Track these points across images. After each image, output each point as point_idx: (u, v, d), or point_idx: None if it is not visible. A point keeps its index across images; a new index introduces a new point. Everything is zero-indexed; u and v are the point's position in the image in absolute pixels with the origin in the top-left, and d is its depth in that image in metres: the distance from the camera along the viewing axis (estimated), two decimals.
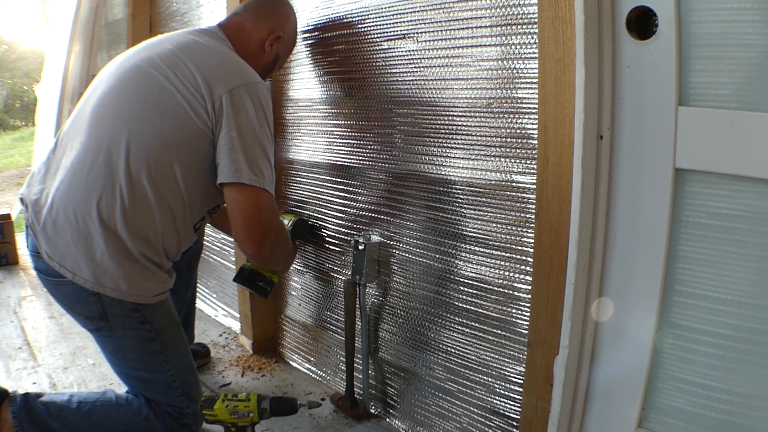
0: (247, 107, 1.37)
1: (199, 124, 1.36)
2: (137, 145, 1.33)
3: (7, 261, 3.27)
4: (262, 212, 1.38)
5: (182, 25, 2.64)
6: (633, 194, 1.08)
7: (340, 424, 1.71)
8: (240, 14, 1.58)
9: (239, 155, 1.35)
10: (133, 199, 1.33)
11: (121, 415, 1.44)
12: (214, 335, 2.34)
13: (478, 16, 1.29)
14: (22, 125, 13.26)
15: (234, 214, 1.38)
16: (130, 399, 1.46)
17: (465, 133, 1.36)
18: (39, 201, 1.37)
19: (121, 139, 1.34)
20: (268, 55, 1.58)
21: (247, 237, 1.39)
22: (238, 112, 1.36)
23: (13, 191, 7.15)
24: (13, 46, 15.82)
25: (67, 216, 1.32)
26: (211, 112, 1.35)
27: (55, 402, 1.41)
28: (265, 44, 1.56)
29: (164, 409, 1.47)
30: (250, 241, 1.39)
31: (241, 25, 1.55)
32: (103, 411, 1.43)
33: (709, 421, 1.02)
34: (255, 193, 1.37)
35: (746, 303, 0.96)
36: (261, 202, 1.38)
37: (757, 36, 0.91)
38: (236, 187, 1.36)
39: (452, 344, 1.48)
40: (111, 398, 1.45)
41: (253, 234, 1.39)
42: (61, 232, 1.33)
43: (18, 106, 14.68)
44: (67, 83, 3.55)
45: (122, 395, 1.48)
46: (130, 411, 1.44)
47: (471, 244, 1.39)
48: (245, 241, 1.40)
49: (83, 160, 1.34)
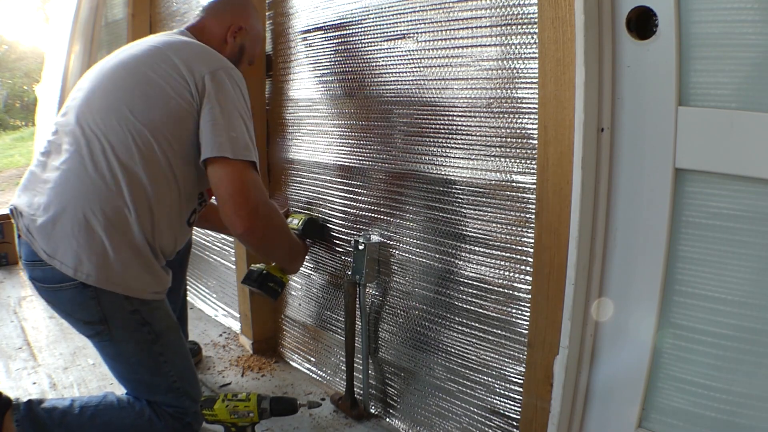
0: (228, 86, 1.39)
1: (186, 107, 1.37)
2: (129, 137, 1.34)
3: (7, 261, 3.27)
4: (247, 187, 1.35)
5: (182, 25, 2.64)
6: (633, 194, 1.08)
7: (340, 424, 1.71)
8: (201, 15, 1.64)
9: (221, 131, 1.35)
10: (129, 190, 1.33)
11: (124, 419, 1.43)
12: (214, 335, 2.34)
13: (478, 16, 1.29)
14: (22, 125, 13.26)
15: (220, 191, 1.35)
16: (131, 401, 1.45)
17: (465, 133, 1.37)
18: (33, 204, 1.36)
19: (112, 133, 1.35)
20: (232, 47, 1.61)
21: (235, 213, 1.34)
22: (219, 91, 1.38)
23: (13, 191, 7.14)
24: (13, 46, 15.82)
25: (66, 212, 1.32)
26: (195, 93, 1.37)
27: (57, 408, 1.40)
28: (227, 36, 1.60)
29: (166, 410, 1.46)
30: (239, 217, 1.35)
31: (203, 25, 1.61)
32: (105, 415, 1.42)
33: (709, 421, 1.02)
34: (240, 167, 1.35)
35: (746, 303, 0.96)
36: (246, 177, 1.35)
37: (757, 36, 0.91)
38: (220, 163, 1.34)
39: (452, 344, 1.48)
40: (113, 401, 1.45)
41: (240, 210, 1.34)
42: (60, 228, 1.32)
43: (18, 106, 14.67)
44: (67, 83, 3.55)
45: (123, 398, 1.47)
46: (132, 413, 1.44)
47: (471, 244, 1.39)
48: (233, 217, 1.35)
49: (77, 159, 1.35)
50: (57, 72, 3.68)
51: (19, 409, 1.37)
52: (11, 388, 1.91)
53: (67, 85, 3.53)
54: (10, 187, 7.49)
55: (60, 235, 1.32)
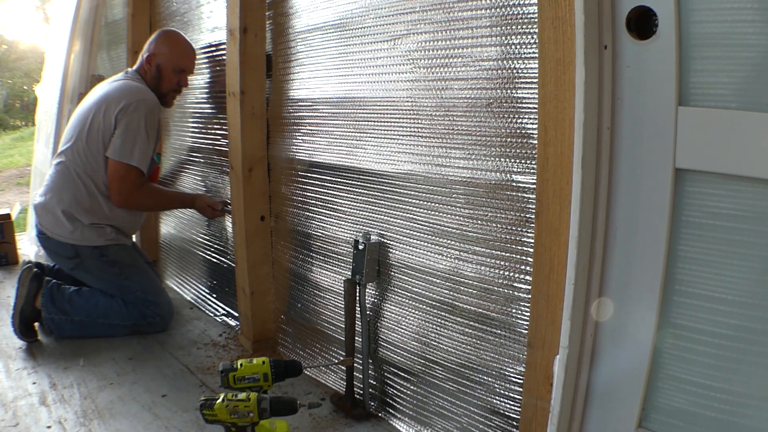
0: (130, 115, 2.24)
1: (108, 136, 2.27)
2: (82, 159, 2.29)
3: (7, 261, 3.27)
4: (122, 180, 2.25)
5: (182, 25, 2.64)
6: (633, 194, 1.08)
7: (340, 424, 1.71)
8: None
9: (117, 140, 2.24)
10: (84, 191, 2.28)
11: (106, 301, 2.29)
12: (214, 335, 2.35)
13: (478, 16, 1.29)
14: (22, 125, 13.26)
15: (109, 179, 2.28)
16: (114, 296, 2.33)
17: (465, 133, 1.37)
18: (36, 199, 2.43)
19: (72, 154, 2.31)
20: (150, 71, 2.39)
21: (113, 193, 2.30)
22: (123, 118, 2.24)
23: (13, 191, 7.15)
24: (13, 46, 15.83)
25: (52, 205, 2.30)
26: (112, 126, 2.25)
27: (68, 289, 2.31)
28: (146, 66, 2.40)
29: (135, 307, 2.31)
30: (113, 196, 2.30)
31: (141, 65, 2.43)
32: (95, 297, 2.29)
33: (709, 421, 1.02)
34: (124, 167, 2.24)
35: (746, 303, 0.96)
36: (121, 172, 2.24)
37: (757, 36, 0.91)
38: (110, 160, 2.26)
39: (452, 344, 1.48)
40: (100, 294, 2.31)
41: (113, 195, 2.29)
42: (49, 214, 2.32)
43: (18, 106, 14.68)
44: (67, 83, 3.55)
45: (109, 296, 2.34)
46: (111, 299, 2.30)
47: (471, 244, 1.39)
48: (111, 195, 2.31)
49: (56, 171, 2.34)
50: (57, 72, 3.68)
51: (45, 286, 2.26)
52: (11, 387, 1.91)
53: (67, 85, 3.53)
54: (10, 187, 7.49)
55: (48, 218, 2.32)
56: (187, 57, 2.41)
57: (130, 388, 1.91)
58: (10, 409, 1.79)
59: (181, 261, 2.86)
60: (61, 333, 2.27)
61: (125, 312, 2.29)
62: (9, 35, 16.90)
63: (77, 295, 2.28)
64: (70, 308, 2.24)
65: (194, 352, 2.20)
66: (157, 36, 2.42)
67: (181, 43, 2.42)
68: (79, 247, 2.28)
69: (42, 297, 2.23)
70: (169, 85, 2.39)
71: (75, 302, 2.25)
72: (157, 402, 1.83)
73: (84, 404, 1.81)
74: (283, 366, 1.58)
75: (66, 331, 2.26)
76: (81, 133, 2.28)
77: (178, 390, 1.91)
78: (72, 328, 2.26)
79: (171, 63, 2.37)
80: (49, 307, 2.23)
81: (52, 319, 2.24)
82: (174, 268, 2.94)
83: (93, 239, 2.29)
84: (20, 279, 2.27)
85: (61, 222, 2.27)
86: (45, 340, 2.28)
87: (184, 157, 2.74)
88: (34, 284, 2.25)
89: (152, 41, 2.41)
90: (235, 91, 2.03)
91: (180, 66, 2.38)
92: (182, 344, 2.26)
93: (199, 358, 2.14)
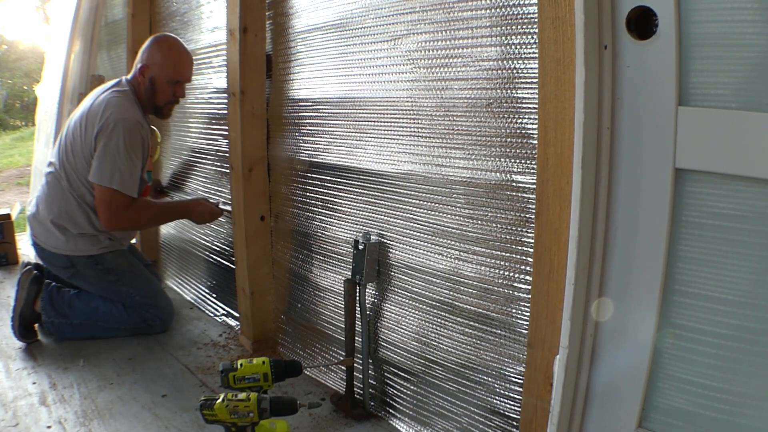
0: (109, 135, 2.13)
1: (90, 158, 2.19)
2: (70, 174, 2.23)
3: (7, 261, 3.27)
4: (107, 205, 2.16)
5: (182, 24, 2.64)
6: (633, 194, 1.08)
7: (340, 424, 1.71)
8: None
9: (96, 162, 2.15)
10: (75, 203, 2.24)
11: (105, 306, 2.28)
12: (214, 335, 2.35)
13: (478, 16, 1.29)
14: (22, 125, 13.26)
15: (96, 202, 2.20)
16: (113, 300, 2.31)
17: (465, 133, 1.37)
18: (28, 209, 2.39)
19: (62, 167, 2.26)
20: (144, 83, 2.28)
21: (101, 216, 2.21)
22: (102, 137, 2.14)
23: (13, 191, 7.15)
24: (13, 46, 15.83)
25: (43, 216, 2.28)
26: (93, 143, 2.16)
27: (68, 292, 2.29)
28: (139, 77, 2.28)
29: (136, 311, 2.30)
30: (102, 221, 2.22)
31: (134, 76, 2.32)
32: (94, 301, 2.28)
33: (709, 421, 1.02)
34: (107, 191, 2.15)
35: (746, 303, 0.96)
36: (105, 197, 2.15)
37: (757, 36, 0.91)
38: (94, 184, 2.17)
39: (452, 344, 1.48)
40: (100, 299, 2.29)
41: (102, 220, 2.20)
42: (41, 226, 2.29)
43: (18, 106, 14.68)
44: (67, 83, 3.55)
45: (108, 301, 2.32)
46: (111, 304, 2.29)
47: (471, 244, 1.39)
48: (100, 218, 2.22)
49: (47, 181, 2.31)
50: (57, 72, 3.68)
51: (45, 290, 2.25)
52: (11, 387, 1.91)
53: (67, 85, 3.53)
54: (10, 187, 7.49)
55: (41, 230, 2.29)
56: (182, 67, 2.28)
57: (130, 389, 1.91)
58: (10, 409, 1.79)
59: (181, 261, 2.86)
60: (61, 336, 2.26)
61: (125, 316, 2.28)
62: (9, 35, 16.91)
63: (77, 298, 2.27)
64: (69, 312, 2.24)
65: (194, 352, 2.20)
66: (150, 44, 2.29)
67: (174, 51, 2.28)
68: (73, 258, 2.25)
69: (42, 300, 2.22)
70: (164, 98, 2.28)
71: (75, 306, 2.25)
72: (157, 402, 1.83)
73: (84, 404, 1.81)
74: (283, 366, 1.58)
75: (66, 333, 2.26)
76: (67, 150, 2.23)
77: (178, 390, 1.91)
78: (72, 331, 2.26)
79: (165, 75, 2.25)
80: (48, 311, 2.22)
81: (52, 322, 2.24)
82: (174, 268, 2.94)
83: (87, 249, 2.26)
84: (20, 282, 2.26)
85: (53, 233, 2.23)
86: (45, 341, 2.28)
87: (184, 157, 2.74)
88: (34, 287, 2.25)
89: (145, 49, 2.28)
90: (235, 91, 2.03)
91: (174, 77, 2.26)
92: (182, 344, 2.26)
93: (199, 358, 2.14)
